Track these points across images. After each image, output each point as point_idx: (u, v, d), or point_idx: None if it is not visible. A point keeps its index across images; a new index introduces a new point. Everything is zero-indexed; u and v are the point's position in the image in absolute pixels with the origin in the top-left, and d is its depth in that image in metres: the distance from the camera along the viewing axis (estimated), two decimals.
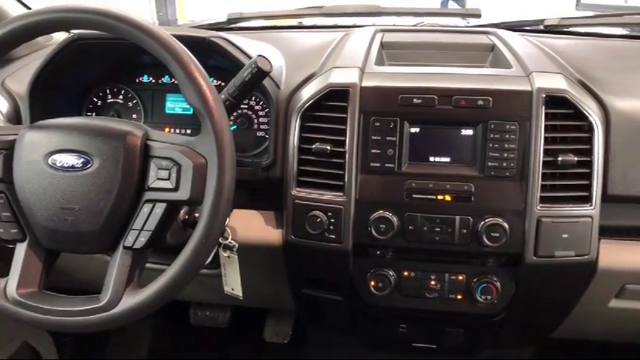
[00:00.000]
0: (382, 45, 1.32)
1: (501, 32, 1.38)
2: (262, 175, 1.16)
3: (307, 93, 1.12)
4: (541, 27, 1.54)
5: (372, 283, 1.14)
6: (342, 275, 1.15)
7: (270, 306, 1.70)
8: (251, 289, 1.24)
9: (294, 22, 1.79)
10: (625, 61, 1.31)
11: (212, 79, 1.29)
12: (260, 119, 1.27)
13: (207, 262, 1.00)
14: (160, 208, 0.90)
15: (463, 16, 1.56)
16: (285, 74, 1.21)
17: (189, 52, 0.89)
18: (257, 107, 1.28)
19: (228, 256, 1.14)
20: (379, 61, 1.22)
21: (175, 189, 0.89)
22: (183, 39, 0.92)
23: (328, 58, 1.25)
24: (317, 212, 1.09)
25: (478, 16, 1.53)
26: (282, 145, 1.15)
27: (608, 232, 1.14)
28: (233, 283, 1.18)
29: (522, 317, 1.20)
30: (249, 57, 1.14)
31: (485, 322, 1.20)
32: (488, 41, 1.32)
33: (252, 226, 1.19)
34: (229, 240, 1.13)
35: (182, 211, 1.04)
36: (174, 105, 1.33)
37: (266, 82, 1.13)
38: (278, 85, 1.17)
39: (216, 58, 1.19)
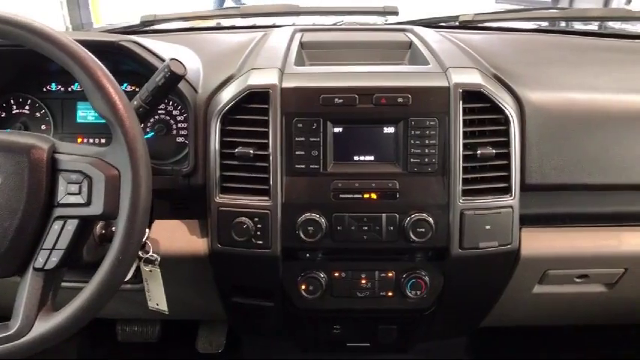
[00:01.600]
0: (302, 45, 1.30)
1: (418, 29, 1.39)
2: (183, 183, 1.12)
3: (226, 96, 1.09)
4: (456, 23, 1.57)
5: (303, 286, 1.12)
6: (272, 281, 1.13)
7: (200, 317, 1.65)
8: (178, 301, 1.20)
9: (212, 23, 1.75)
10: (536, 54, 1.36)
11: (126, 84, 1.24)
12: (179, 125, 1.23)
13: (128, 277, 0.96)
14: (71, 225, 0.85)
15: (381, 13, 1.56)
16: (203, 77, 1.17)
17: (94, 57, 0.83)
18: (175, 112, 1.23)
19: (151, 271, 1.09)
20: (299, 62, 1.21)
21: (87, 204, 0.84)
22: (90, 44, 0.87)
23: (247, 59, 1.22)
24: (243, 218, 1.06)
25: (395, 13, 1.55)
26: (203, 150, 1.10)
27: (528, 220, 1.18)
28: (157, 298, 1.13)
29: (452, 309, 1.22)
30: (163, 60, 1.09)
31: (416, 316, 1.21)
32: (406, 38, 1.33)
33: (175, 236, 1.14)
34: (151, 253, 1.08)
35: (98, 226, 0.99)
36: (86, 113, 1.26)
37: (182, 85, 1.09)
38: (195, 88, 1.13)
39: (129, 62, 1.13)
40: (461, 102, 1.05)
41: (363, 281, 1.13)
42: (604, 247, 1.17)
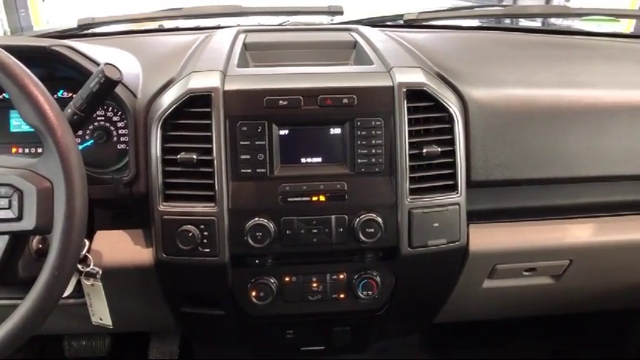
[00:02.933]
0: (245, 46, 1.28)
1: (363, 29, 1.39)
2: (125, 191, 1.08)
3: (166, 100, 1.06)
4: (401, 22, 1.58)
5: (254, 293, 1.10)
6: (222, 289, 1.11)
7: (149, 329, 1.61)
8: (125, 314, 1.16)
9: (154, 25, 1.70)
10: (479, 51, 1.38)
11: (62, 91, 1.19)
12: (120, 131, 1.18)
13: (68, 293, 0.92)
14: (2, 241, 0.81)
15: (326, 13, 1.55)
16: (143, 81, 1.13)
17: (20, 64, 0.79)
18: (115, 118, 1.19)
19: (92, 285, 1.04)
20: (242, 63, 1.18)
21: (18, 218, 0.79)
22: (21, 49, 0.83)
23: (188, 61, 1.18)
24: (188, 226, 1.03)
25: (340, 13, 1.54)
26: (145, 157, 1.07)
27: (476, 216, 1.19)
28: (100, 313, 1.09)
29: (404, 308, 1.22)
30: (99, 65, 1.05)
31: (369, 317, 1.21)
32: (351, 38, 1.32)
33: (118, 247, 1.10)
34: (92, 267, 1.03)
35: (35, 240, 0.95)
36: (21, 122, 1.20)
37: (120, 91, 1.05)
38: (134, 93, 1.09)
39: (63, 68, 1.09)
40: (405, 101, 1.05)
41: (315, 284, 1.12)
42: (549, 240, 1.19)
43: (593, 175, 1.18)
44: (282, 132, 1.05)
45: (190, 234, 1.02)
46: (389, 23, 1.60)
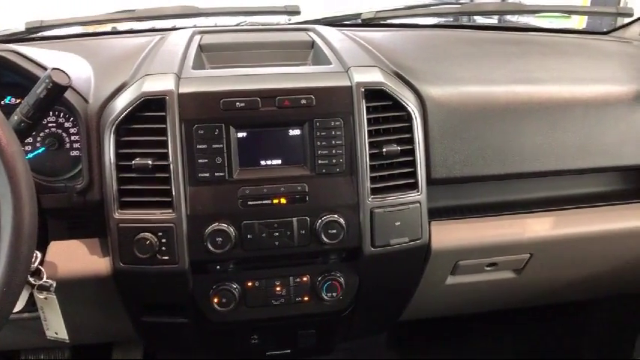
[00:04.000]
0: (201, 47, 1.25)
1: (320, 28, 1.38)
2: (79, 200, 1.05)
3: (119, 105, 1.03)
4: (359, 21, 1.58)
5: (216, 299, 1.08)
6: (183, 297, 1.08)
7: (110, 340, 1.57)
8: (83, 326, 1.12)
9: (107, 28, 1.65)
10: (436, 49, 1.39)
11: (9, 97, 1.14)
12: (72, 137, 1.14)
13: (20, 307, 0.88)
14: None
15: (283, 13, 1.54)
16: (94, 86, 1.10)
17: None
18: (67, 125, 1.14)
19: (46, 298, 1.00)
20: (198, 65, 1.16)
21: None
22: None
23: (141, 64, 1.15)
24: (145, 234, 1.00)
25: (297, 12, 1.53)
26: (98, 164, 1.03)
27: (437, 213, 1.20)
28: (55, 327, 1.05)
29: (369, 307, 1.22)
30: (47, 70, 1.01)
31: (334, 318, 1.20)
32: (308, 38, 1.31)
33: (73, 258, 1.06)
34: (45, 279, 0.99)
35: None
36: None
37: (70, 96, 1.01)
38: (85, 98, 1.06)
39: (10, 74, 1.04)
40: (364, 101, 1.05)
41: (278, 288, 1.11)
42: (509, 235, 1.21)
43: (550, 170, 1.20)
44: (241, 134, 1.03)
45: (148, 242, 1.00)
46: (347, 22, 1.60)
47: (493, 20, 2.53)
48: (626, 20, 1.62)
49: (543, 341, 1.93)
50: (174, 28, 1.49)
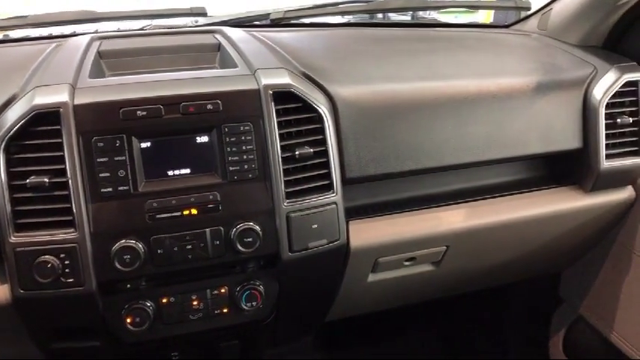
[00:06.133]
0: (99, 54, 1.19)
1: (227, 30, 1.35)
2: None
3: (9, 119, 0.95)
4: (268, 21, 1.55)
5: (129, 319, 1.02)
6: (93, 320, 1.02)
7: None
8: None
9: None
10: (345, 48, 1.39)
11: None
12: None
13: None
14: None
15: (189, 15, 1.49)
16: None
17: None
18: None
19: None
20: (96, 73, 1.09)
21: None
22: None
23: (33, 75, 1.07)
24: (46, 257, 0.93)
25: (204, 14, 1.48)
26: None
27: (355, 213, 1.20)
28: None
29: (292, 313, 1.20)
30: None
31: (257, 327, 1.17)
32: (214, 40, 1.27)
33: None
34: None
35: None
36: None
37: None
38: None
39: None
40: (273, 104, 1.03)
41: (195, 302, 1.06)
42: (425, 229, 1.22)
43: (462, 163, 1.22)
44: (144, 145, 0.98)
45: (49, 265, 0.93)
46: (256, 23, 1.57)
47: (404, 17, 2.58)
48: (524, 14, 1.69)
49: (465, 328, 1.99)
50: (73, 34, 1.41)
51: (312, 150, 1.05)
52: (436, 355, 1.95)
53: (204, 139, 1.01)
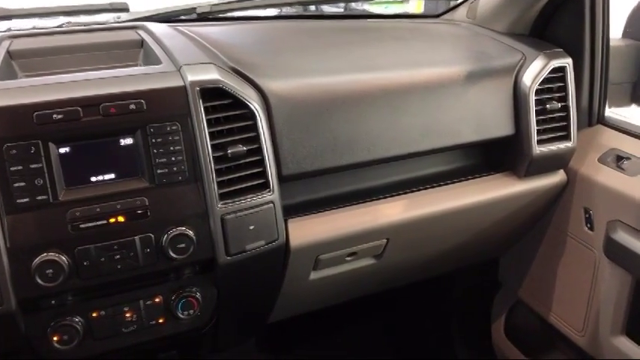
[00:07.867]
0: (10, 54, 1.10)
1: (151, 25, 1.28)
2: None
3: None
4: (194, 15, 1.49)
5: (55, 338, 0.95)
6: (15, 341, 0.95)
7: None
8: None
9: None
10: (276, 42, 1.35)
11: None
12: None
13: None
14: None
15: (109, 11, 1.41)
16: None
17: None
18: None
19: None
20: (7, 75, 1.01)
21: None
22: None
23: None
24: None
25: (126, 10, 1.41)
26: None
27: (294, 210, 1.16)
28: None
29: (233, 317, 1.17)
30: None
31: (196, 335, 1.12)
32: (137, 37, 1.21)
33: None
34: None
35: None
36: None
37: None
38: None
39: None
40: (201, 101, 0.98)
41: (128, 314, 1.01)
42: (365, 223, 1.21)
43: (398, 154, 1.22)
44: (63, 150, 0.91)
45: None
46: (182, 18, 1.51)
47: (337, 9, 2.56)
48: (453, 3, 1.70)
49: (411, 315, 2.00)
50: None
51: (245, 148, 1.01)
52: (381, 346, 1.96)
53: (128, 141, 0.95)
